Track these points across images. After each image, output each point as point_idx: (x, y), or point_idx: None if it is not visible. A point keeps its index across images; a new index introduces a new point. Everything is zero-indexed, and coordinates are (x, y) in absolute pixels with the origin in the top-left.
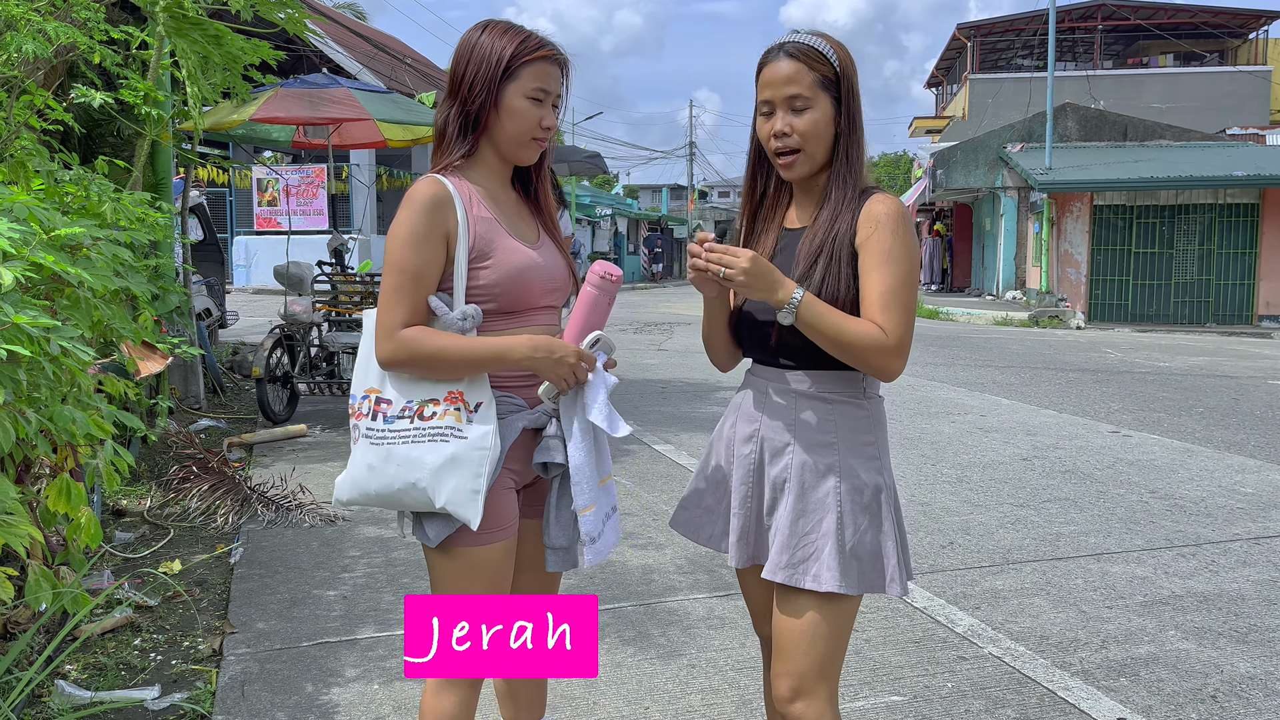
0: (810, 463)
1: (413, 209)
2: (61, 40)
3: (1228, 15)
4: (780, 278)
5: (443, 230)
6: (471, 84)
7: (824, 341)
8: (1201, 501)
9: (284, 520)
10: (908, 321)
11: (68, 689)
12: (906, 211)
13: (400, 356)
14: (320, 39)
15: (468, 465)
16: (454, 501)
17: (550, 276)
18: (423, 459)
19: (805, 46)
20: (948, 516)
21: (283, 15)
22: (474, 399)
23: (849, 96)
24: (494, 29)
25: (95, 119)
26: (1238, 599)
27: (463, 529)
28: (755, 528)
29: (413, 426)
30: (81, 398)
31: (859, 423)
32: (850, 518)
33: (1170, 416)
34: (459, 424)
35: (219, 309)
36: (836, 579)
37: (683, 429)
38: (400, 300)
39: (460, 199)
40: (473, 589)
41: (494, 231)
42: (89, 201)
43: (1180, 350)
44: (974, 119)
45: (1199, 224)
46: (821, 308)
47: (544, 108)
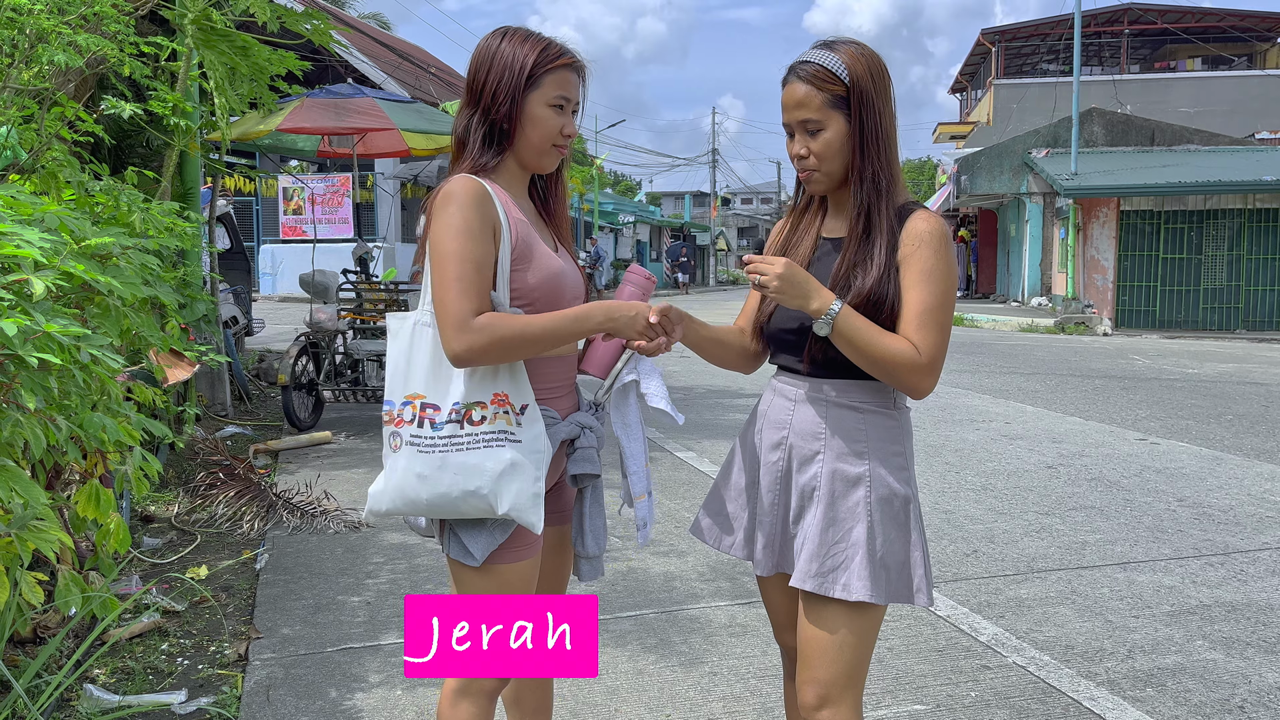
0: (841, 471)
1: (459, 202)
2: (92, 52)
3: (1255, 18)
4: (816, 287)
5: (490, 225)
6: (494, 93)
7: (856, 354)
8: (1230, 510)
9: (309, 526)
10: (942, 341)
11: (96, 692)
12: (948, 231)
13: (481, 343)
14: (345, 49)
15: (527, 469)
16: (518, 507)
17: (575, 284)
18: (482, 465)
19: (815, 67)
20: (972, 524)
21: (308, 26)
22: (519, 401)
23: (863, 111)
24: (513, 37)
25: (125, 130)
26: (1266, 609)
27: (502, 547)
28: (780, 536)
29: (464, 432)
30: (111, 405)
31: (889, 432)
32: (880, 527)
33: (1199, 424)
34: (510, 427)
35: (245, 317)
36: (867, 588)
37: (704, 436)
38: (467, 289)
39: (499, 200)
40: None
41: (531, 235)
42: (119, 211)
43: (1209, 357)
44: (999, 124)
45: (1228, 229)
46: (859, 321)
47: (565, 115)
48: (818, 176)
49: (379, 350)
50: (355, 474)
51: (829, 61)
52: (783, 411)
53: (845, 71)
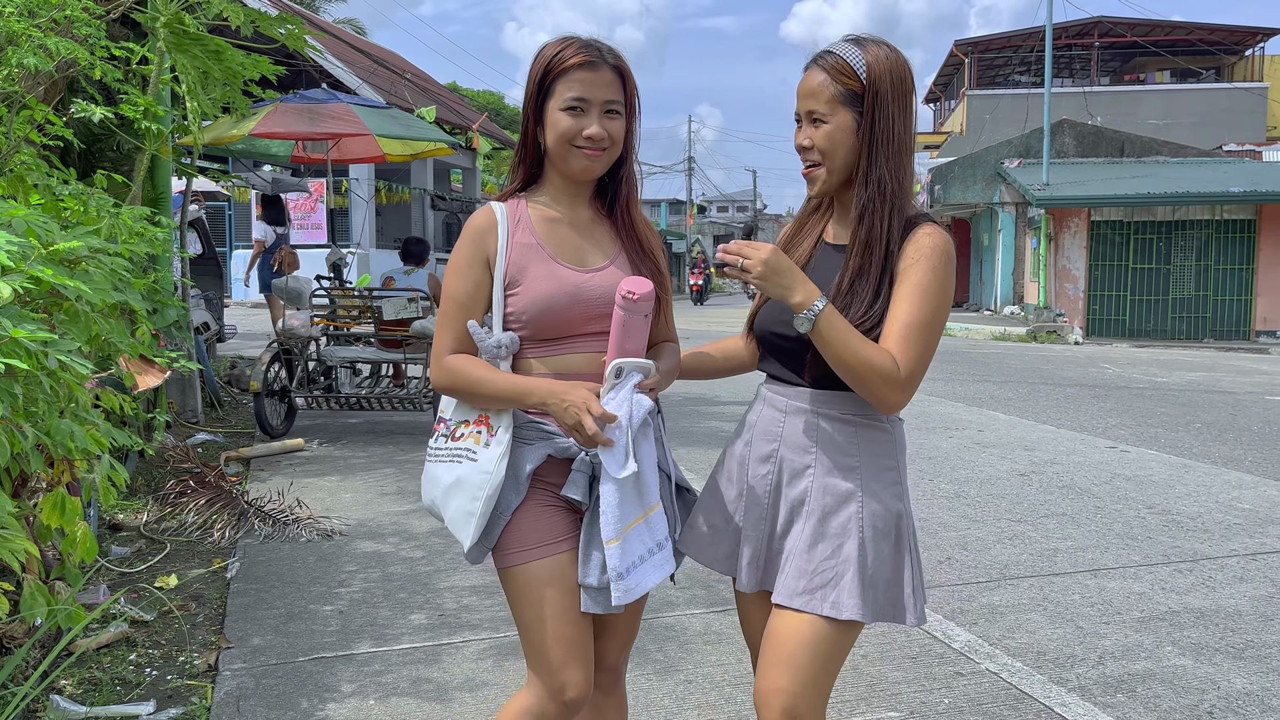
0: (832, 486)
1: (462, 238)
2: (62, 55)
3: (1224, 32)
4: (802, 280)
5: (483, 257)
6: (525, 107)
7: (834, 358)
8: (1198, 517)
9: (281, 535)
10: (923, 358)
11: (63, 704)
12: (952, 250)
13: (443, 382)
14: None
15: (468, 488)
16: (453, 521)
17: (602, 301)
18: (440, 478)
19: (835, 59)
20: (945, 532)
21: (283, 31)
22: (497, 424)
23: (876, 113)
24: (548, 45)
25: (95, 134)
26: (1234, 615)
27: (495, 549)
28: (766, 551)
29: (444, 446)
30: (79, 412)
31: (882, 446)
32: (872, 544)
33: (1168, 432)
34: (476, 446)
35: (217, 323)
36: (858, 606)
37: (682, 444)
38: (447, 327)
39: (507, 225)
40: (527, 609)
41: (531, 258)
42: (87, 216)
43: (1178, 366)
44: (971, 135)
45: (1196, 240)
46: (840, 322)
47: (585, 117)
48: (818, 173)
49: (352, 357)
50: (328, 482)
51: (851, 56)
52: (773, 423)
53: (864, 69)
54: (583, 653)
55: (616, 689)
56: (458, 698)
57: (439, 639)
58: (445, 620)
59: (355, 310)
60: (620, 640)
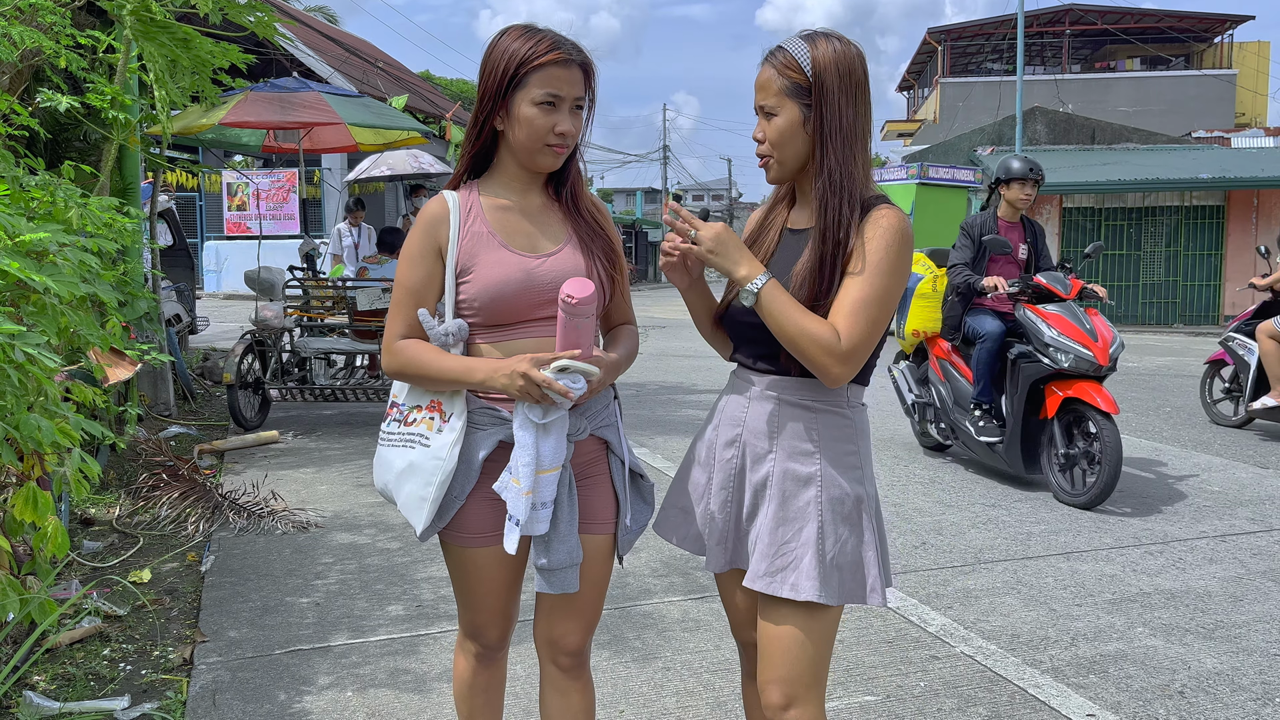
0: (791, 470)
1: (415, 227)
2: (27, 45)
3: (1193, 19)
4: (747, 256)
5: (434, 247)
6: (482, 95)
7: (776, 329)
8: (1168, 499)
9: (256, 527)
10: (869, 335)
11: (36, 699)
12: (909, 230)
13: (394, 367)
14: (290, 42)
15: (421, 474)
16: (405, 505)
17: (554, 286)
18: (392, 462)
19: (784, 54)
20: (920, 517)
21: (252, 19)
22: (449, 410)
23: (823, 105)
24: (510, 34)
25: (61, 123)
26: (1204, 596)
27: (449, 528)
28: (734, 533)
29: (396, 431)
30: (48, 405)
31: (841, 431)
32: (831, 528)
33: (1138, 416)
34: (429, 432)
35: (189, 315)
36: (816, 588)
37: (658, 432)
38: (398, 314)
39: (459, 214)
40: (463, 583)
41: (482, 245)
42: (55, 207)
43: (1148, 350)
44: (945, 122)
45: (1166, 226)
46: (783, 295)
47: (557, 113)
48: (771, 164)
49: (326, 348)
50: (303, 474)
51: (798, 51)
52: (738, 408)
53: (809, 63)
54: (506, 621)
55: (582, 673)
56: (436, 688)
57: (416, 630)
58: (423, 611)
59: (329, 301)
60: (583, 623)
